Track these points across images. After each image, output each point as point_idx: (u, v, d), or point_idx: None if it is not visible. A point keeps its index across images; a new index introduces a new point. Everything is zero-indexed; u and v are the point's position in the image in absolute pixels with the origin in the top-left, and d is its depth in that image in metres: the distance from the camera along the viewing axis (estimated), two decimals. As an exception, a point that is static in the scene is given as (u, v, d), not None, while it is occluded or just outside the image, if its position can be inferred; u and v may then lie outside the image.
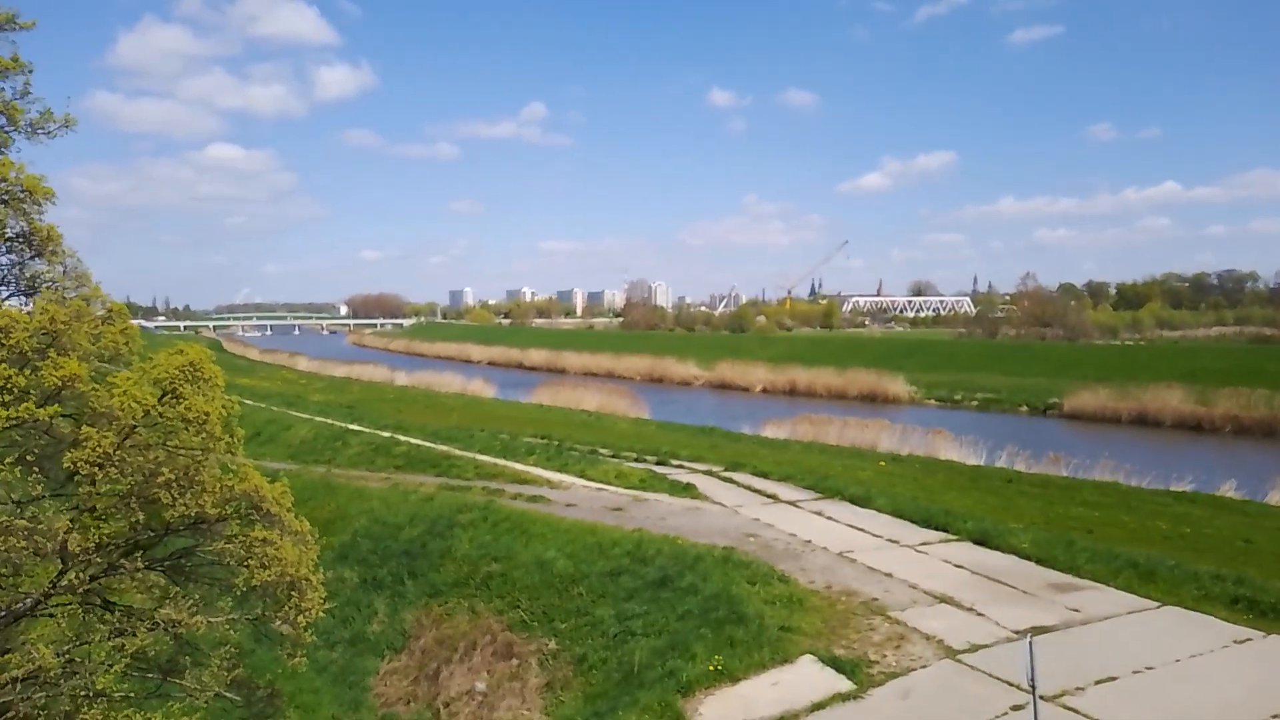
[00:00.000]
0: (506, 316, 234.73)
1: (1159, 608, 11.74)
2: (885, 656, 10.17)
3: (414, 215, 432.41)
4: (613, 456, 25.36)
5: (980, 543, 15.11)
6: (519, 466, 22.84)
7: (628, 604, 12.75)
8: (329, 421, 33.91)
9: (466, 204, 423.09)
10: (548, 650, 12.63)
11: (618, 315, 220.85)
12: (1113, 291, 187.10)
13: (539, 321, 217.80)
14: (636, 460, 24.59)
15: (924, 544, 15.15)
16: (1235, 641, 10.48)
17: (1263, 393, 45.88)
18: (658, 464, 23.84)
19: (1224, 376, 52.67)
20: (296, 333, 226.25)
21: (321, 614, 8.33)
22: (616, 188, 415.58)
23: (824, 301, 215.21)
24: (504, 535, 16.41)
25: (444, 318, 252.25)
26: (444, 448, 26.19)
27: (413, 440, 27.78)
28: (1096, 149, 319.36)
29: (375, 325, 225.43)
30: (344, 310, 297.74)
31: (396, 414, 38.08)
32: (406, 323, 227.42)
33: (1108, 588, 12.63)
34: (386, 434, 29.43)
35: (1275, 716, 8.44)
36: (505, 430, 31.46)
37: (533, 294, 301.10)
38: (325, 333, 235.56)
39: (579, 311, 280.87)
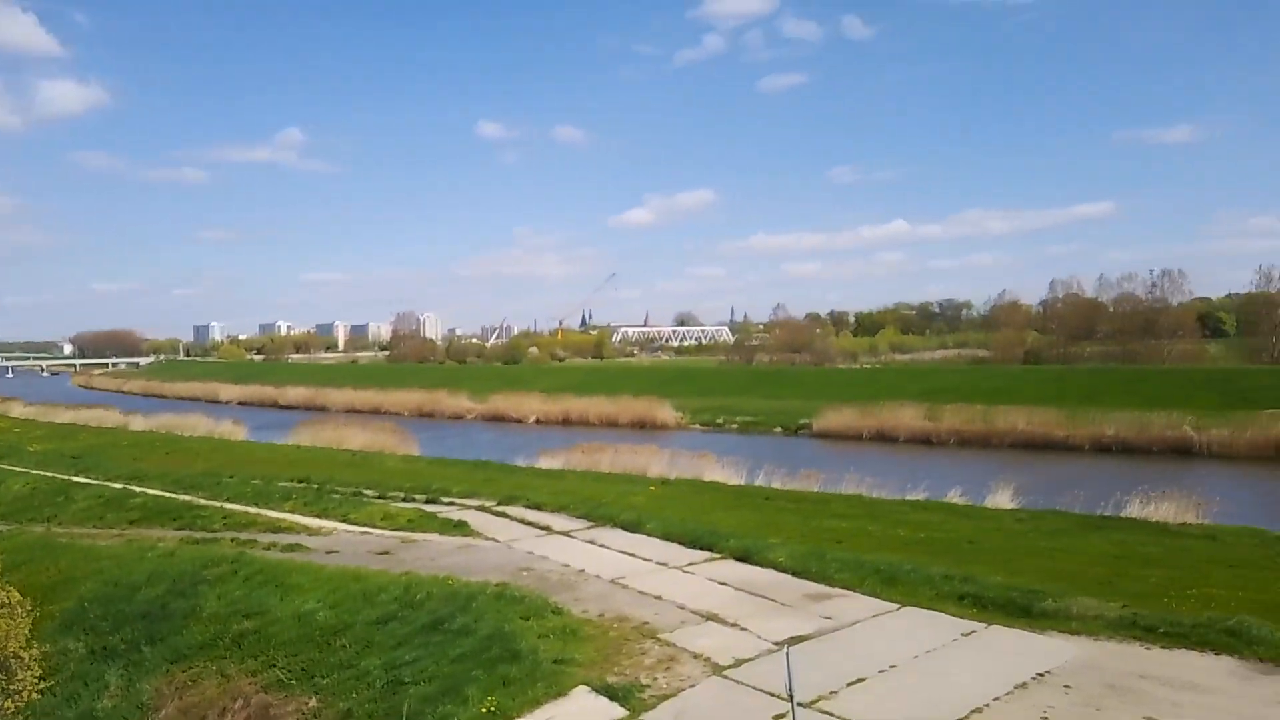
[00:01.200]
0: (259, 352, 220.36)
1: (899, 609, 12.76)
2: (657, 679, 10.34)
3: (157, 244, 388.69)
4: (379, 497, 24.33)
5: (743, 559, 15.79)
6: (274, 514, 21.37)
7: (397, 651, 12.17)
8: (50, 474, 30.27)
9: (218, 232, 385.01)
10: (308, 709, 11.77)
11: (385, 349, 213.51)
12: (852, 320, 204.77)
13: (296, 357, 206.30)
14: (405, 500, 23.73)
15: (691, 564, 15.64)
16: (963, 634, 11.58)
17: (979, 408, 52.02)
18: (428, 502, 23.11)
19: (948, 395, 59.13)
20: (10, 375, 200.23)
21: (37, 694, 7.33)
22: (386, 218, 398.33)
23: (595, 332, 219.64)
24: (257, 589, 15.21)
25: (188, 355, 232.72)
26: (187, 497, 24.06)
27: (151, 491, 25.33)
28: (838, 190, 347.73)
29: (107, 365, 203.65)
30: (69, 349, 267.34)
31: (133, 462, 34.57)
32: (144, 361, 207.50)
33: (856, 594, 13.57)
34: (120, 485, 26.68)
35: (996, 699, 9.38)
36: (259, 475, 29.36)
37: (289, 328, 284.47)
38: (45, 374, 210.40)
39: (341, 345, 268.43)
